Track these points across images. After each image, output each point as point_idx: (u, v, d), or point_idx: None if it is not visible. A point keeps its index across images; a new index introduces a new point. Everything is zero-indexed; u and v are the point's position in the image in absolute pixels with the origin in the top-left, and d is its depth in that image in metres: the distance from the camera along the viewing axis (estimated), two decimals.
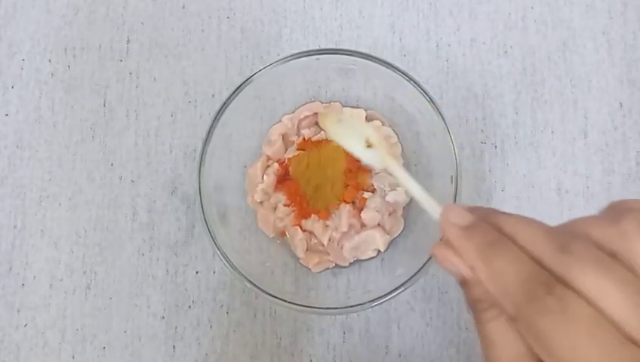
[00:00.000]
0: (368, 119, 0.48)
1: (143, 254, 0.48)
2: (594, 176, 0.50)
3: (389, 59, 0.44)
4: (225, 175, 0.47)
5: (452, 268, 0.26)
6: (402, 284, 0.41)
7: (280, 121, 0.49)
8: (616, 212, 0.23)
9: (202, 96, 0.51)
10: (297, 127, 0.49)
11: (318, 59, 0.45)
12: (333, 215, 0.46)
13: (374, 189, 0.47)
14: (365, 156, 0.35)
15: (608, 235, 0.22)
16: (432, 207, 0.29)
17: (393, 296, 0.41)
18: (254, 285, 0.41)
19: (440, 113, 0.43)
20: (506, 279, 0.23)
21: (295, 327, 0.47)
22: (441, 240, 0.27)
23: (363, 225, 0.46)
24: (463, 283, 0.26)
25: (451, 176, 0.43)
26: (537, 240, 0.23)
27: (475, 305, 0.26)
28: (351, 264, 0.47)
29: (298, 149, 0.47)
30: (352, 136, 0.35)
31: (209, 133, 0.43)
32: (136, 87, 0.51)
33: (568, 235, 0.22)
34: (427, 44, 0.52)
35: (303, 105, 0.49)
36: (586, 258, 0.21)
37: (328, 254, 0.47)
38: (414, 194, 0.30)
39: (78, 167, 0.50)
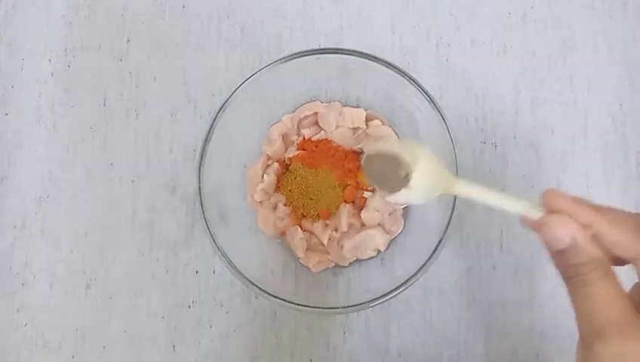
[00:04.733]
0: (368, 119, 0.48)
1: (142, 254, 0.48)
2: (594, 176, 0.50)
3: (388, 59, 0.44)
4: (225, 175, 0.47)
5: (562, 233, 0.29)
6: (402, 284, 0.41)
7: (280, 120, 0.48)
8: None
9: (202, 96, 0.51)
10: (297, 126, 0.49)
11: (318, 58, 0.45)
12: (333, 214, 0.46)
13: (374, 189, 0.47)
14: (402, 200, 0.34)
15: None
16: (519, 204, 0.32)
17: (393, 296, 0.41)
18: (254, 285, 0.41)
19: (440, 112, 0.43)
20: (624, 224, 0.29)
21: (295, 327, 0.47)
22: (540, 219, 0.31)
23: (363, 225, 0.46)
24: (563, 251, 0.29)
25: None
26: (627, 211, 0.30)
27: (579, 269, 0.29)
28: (351, 263, 0.47)
29: (298, 149, 0.47)
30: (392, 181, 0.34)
31: (209, 133, 0.43)
32: (136, 86, 0.51)
33: None
34: (427, 44, 0.52)
35: (303, 104, 0.49)
36: None
37: (328, 254, 0.46)
38: (497, 203, 0.32)
39: (77, 167, 0.50)
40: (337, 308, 0.41)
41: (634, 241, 0.29)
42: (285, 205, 0.47)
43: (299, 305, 0.41)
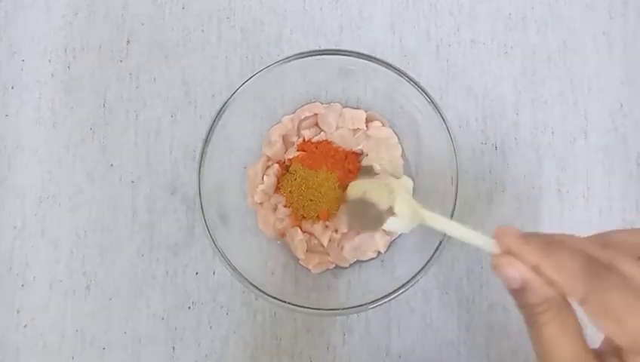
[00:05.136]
0: (368, 120, 0.48)
1: (142, 255, 0.48)
2: (594, 176, 0.50)
3: (389, 60, 0.44)
4: (225, 175, 0.47)
5: (513, 274, 0.29)
6: (402, 285, 0.41)
7: (280, 121, 0.48)
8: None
9: (202, 97, 0.51)
10: (297, 127, 0.48)
11: (318, 59, 0.45)
12: (333, 216, 0.46)
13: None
14: (392, 227, 0.38)
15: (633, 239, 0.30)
16: (481, 239, 0.32)
17: (393, 297, 0.40)
18: (254, 286, 0.41)
19: (440, 113, 0.43)
20: (571, 266, 0.27)
21: (295, 328, 0.47)
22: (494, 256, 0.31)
23: None
24: (519, 291, 0.29)
25: (451, 177, 0.43)
26: (582, 241, 0.29)
27: (532, 310, 0.29)
28: (351, 265, 0.47)
29: (298, 150, 0.47)
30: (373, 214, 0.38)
31: (209, 133, 0.43)
32: (136, 87, 0.51)
33: (602, 237, 0.30)
34: (427, 44, 0.52)
35: (303, 105, 0.49)
36: (622, 250, 0.28)
37: (328, 255, 0.46)
38: (462, 236, 0.34)
39: (77, 168, 0.50)
40: (337, 309, 0.41)
41: (576, 285, 0.27)
42: (285, 206, 0.47)
43: (299, 306, 0.41)
